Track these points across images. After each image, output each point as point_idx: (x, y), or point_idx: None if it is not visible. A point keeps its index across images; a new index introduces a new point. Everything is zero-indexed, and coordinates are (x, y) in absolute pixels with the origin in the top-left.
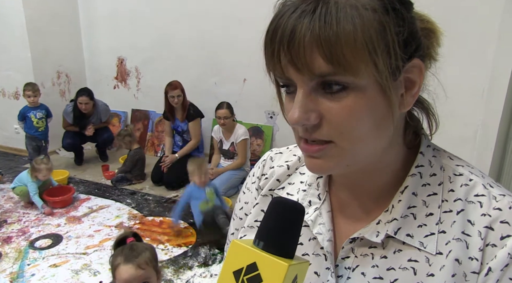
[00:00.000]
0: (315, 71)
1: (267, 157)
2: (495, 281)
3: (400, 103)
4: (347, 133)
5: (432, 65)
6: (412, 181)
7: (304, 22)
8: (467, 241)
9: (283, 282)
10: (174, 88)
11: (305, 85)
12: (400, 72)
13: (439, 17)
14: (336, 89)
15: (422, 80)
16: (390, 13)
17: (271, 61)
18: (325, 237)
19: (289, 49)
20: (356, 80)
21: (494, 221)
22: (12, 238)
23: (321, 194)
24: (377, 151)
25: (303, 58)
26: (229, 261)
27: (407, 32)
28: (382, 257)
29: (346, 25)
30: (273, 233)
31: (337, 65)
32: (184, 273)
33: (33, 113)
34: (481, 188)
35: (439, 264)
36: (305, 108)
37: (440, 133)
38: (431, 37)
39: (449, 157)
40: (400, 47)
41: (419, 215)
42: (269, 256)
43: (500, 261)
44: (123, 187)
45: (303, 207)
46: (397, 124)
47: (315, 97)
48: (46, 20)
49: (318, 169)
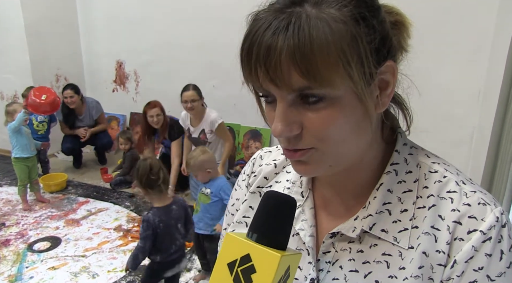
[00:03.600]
0: (293, 86)
1: (257, 155)
2: (460, 272)
3: (376, 104)
4: (327, 140)
5: (404, 55)
6: (387, 178)
7: (279, 39)
8: (436, 235)
9: (276, 272)
10: (153, 106)
11: (285, 99)
12: (373, 77)
13: (435, 20)
14: (313, 101)
15: (396, 80)
16: (360, 23)
17: (249, 76)
18: (307, 232)
19: (266, 67)
20: (332, 91)
21: (462, 216)
22: (11, 241)
23: (304, 192)
24: (358, 151)
25: (280, 75)
26: (223, 253)
27: (378, 39)
28: (359, 251)
29: (319, 41)
30: (266, 225)
31: (313, 80)
32: (183, 275)
33: (34, 116)
34: (454, 185)
35: (410, 257)
36: (287, 120)
37: (436, 135)
38: (401, 29)
39: (426, 155)
40: (372, 55)
41: (394, 211)
42: (262, 247)
43: (465, 253)
44: (122, 190)
45: (295, 200)
46: (375, 124)
47: (295, 108)
48: (45, 24)
49: (303, 172)
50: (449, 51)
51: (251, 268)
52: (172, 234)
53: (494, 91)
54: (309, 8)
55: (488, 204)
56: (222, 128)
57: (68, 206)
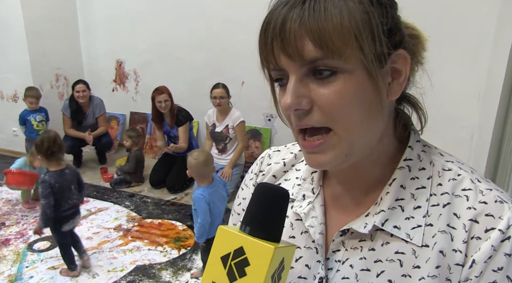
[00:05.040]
0: (305, 56)
1: (265, 154)
2: (479, 273)
3: (388, 91)
4: (339, 118)
5: (419, 68)
6: (400, 174)
7: (295, 12)
8: (452, 234)
9: (270, 265)
10: (161, 92)
11: (297, 72)
12: (386, 59)
13: (435, 22)
14: (326, 75)
15: (409, 69)
16: (375, 5)
17: (265, 51)
18: (316, 230)
19: (281, 38)
20: (344, 64)
21: (479, 214)
22: (10, 241)
23: (315, 188)
24: (371, 140)
25: (294, 45)
26: (217, 247)
27: (390, 22)
28: (370, 249)
29: (333, 13)
30: (258, 217)
31: (325, 49)
32: (183, 275)
33: (33, 117)
34: (469, 183)
35: (425, 256)
36: (297, 93)
37: (437, 135)
38: (417, 42)
39: (439, 153)
40: (384, 34)
41: (407, 208)
42: (255, 240)
43: (484, 253)
44: (122, 190)
45: (287, 191)
46: (387, 115)
47: (307, 83)
48: (44, 23)
49: (318, 163)
50: (449, 51)
51: (245, 261)
52: (65, 193)
53: (494, 91)
54: None
55: (506, 202)
56: (241, 126)
57: None
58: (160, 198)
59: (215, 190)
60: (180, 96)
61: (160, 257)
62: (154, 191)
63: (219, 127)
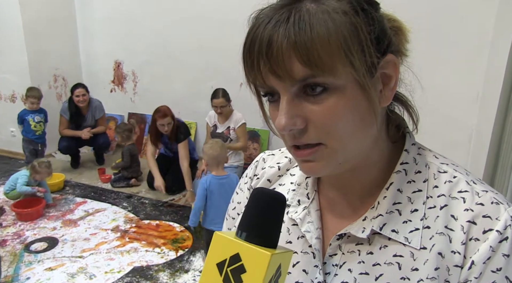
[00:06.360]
0: (295, 76)
1: (259, 158)
2: (478, 274)
3: (380, 98)
4: (333, 133)
5: (403, 60)
6: (397, 177)
7: (280, 30)
8: (450, 235)
9: (267, 271)
10: (164, 115)
11: (288, 92)
12: (376, 68)
13: (433, 21)
14: (318, 91)
15: (398, 74)
16: (360, 14)
17: (251, 72)
18: (313, 235)
19: (268, 58)
20: (335, 80)
21: (476, 215)
22: (7, 241)
23: (310, 193)
24: (366, 148)
25: (282, 65)
26: (212, 254)
27: (377, 29)
28: (368, 253)
29: (319, 29)
30: (255, 223)
31: (315, 67)
32: (180, 277)
33: (31, 117)
34: (465, 184)
35: (423, 258)
36: (291, 113)
37: (435, 137)
38: (399, 34)
39: (434, 155)
40: (373, 44)
41: (404, 211)
42: (251, 246)
43: (483, 254)
44: (120, 191)
45: (284, 197)
46: (380, 120)
47: (299, 102)
48: (43, 24)
49: (312, 171)
50: (447, 53)
51: (241, 267)
52: None
53: (493, 92)
54: (308, 2)
55: (501, 203)
56: (242, 128)
57: (66, 207)
58: (158, 199)
59: (223, 183)
60: (178, 97)
61: (158, 259)
62: (151, 192)
63: (221, 128)
